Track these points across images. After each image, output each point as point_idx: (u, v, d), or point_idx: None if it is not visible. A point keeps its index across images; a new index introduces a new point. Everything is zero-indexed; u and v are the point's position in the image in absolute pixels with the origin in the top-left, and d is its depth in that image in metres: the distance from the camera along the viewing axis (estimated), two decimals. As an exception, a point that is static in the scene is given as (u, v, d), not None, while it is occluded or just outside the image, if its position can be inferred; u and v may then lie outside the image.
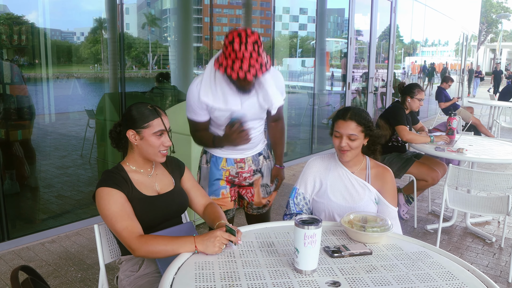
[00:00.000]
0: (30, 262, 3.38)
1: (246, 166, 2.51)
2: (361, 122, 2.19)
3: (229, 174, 2.50)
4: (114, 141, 1.98)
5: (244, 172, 2.52)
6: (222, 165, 2.49)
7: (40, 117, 4.51)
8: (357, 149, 2.22)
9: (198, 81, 2.27)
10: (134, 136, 1.88)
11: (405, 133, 4.11)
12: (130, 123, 1.88)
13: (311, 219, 1.54)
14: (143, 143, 1.88)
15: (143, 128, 1.87)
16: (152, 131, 1.87)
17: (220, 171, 2.49)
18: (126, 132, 1.89)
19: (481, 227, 4.33)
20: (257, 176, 2.57)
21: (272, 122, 2.60)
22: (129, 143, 1.93)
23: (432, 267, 1.63)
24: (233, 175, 2.51)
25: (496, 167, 6.41)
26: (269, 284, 1.45)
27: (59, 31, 4.66)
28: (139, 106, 1.91)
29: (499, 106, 9.35)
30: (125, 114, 1.92)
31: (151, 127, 1.87)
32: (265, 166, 2.59)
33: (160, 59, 6.23)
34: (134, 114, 1.88)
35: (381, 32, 9.47)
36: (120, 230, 1.72)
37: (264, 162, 2.59)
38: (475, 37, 23.91)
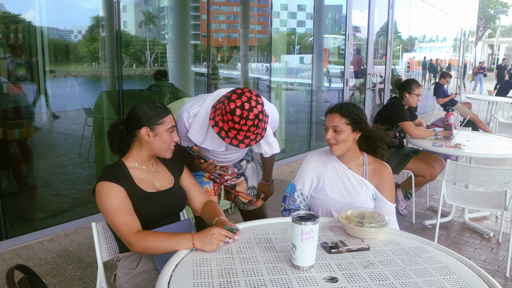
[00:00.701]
0: (29, 261, 3.38)
1: (229, 171, 2.53)
2: (344, 114, 2.20)
3: (211, 173, 2.51)
4: (116, 141, 1.96)
5: (226, 175, 2.53)
6: None
7: (38, 116, 4.50)
8: (345, 143, 2.21)
9: (192, 114, 2.17)
10: (147, 133, 1.89)
11: (412, 129, 4.11)
12: (144, 120, 1.89)
13: (308, 215, 1.54)
14: (156, 140, 1.90)
15: (158, 124, 1.89)
16: (166, 127, 1.90)
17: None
18: (140, 130, 1.89)
19: (479, 222, 4.34)
20: (240, 179, 2.57)
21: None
22: (135, 140, 1.92)
23: (429, 262, 1.64)
24: (216, 175, 2.53)
25: (494, 162, 6.42)
26: (267, 280, 1.45)
27: (56, 29, 4.65)
28: (150, 103, 1.92)
29: (497, 101, 9.36)
30: (134, 113, 1.91)
31: (165, 123, 1.90)
32: (249, 169, 2.58)
33: (158, 57, 6.22)
34: (147, 112, 1.89)
35: (379, 29, 9.47)
36: (118, 225, 1.72)
37: (247, 165, 2.58)
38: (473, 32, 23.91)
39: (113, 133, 1.95)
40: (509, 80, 11.75)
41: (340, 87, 7.85)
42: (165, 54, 6.32)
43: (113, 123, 1.97)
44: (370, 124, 2.33)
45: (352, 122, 2.20)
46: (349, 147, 2.24)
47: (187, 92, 5.88)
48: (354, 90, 8.96)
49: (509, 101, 9.32)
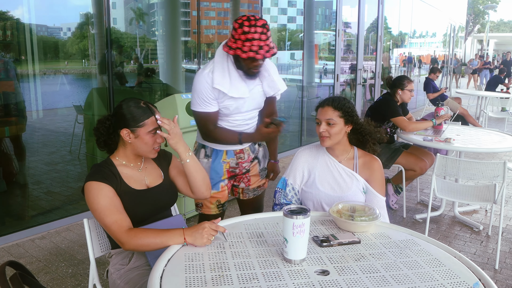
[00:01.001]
0: (20, 258, 3.37)
1: (246, 156, 2.55)
2: (337, 107, 2.22)
3: (229, 166, 2.52)
4: (103, 137, 1.95)
5: (244, 162, 2.55)
6: (223, 158, 2.50)
7: (28, 113, 4.47)
8: (337, 135, 2.23)
9: (208, 71, 2.28)
10: (128, 135, 1.87)
11: (405, 124, 4.13)
12: (124, 122, 1.86)
13: (299, 209, 1.55)
14: (137, 141, 1.88)
15: (138, 127, 1.85)
16: (147, 130, 1.86)
17: (221, 164, 2.50)
18: (120, 131, 1.87)
19: (469, 215, 4.38)
20: (254, 162, 2.62)
21: (266, 118, 2.56)
22: (119, 139, 1.92)
23: (419, 254, 1.65)
24: (234, 166, 2.53)
25: (483, 156, 6.48)
26: (259, 274, 1.46)
27: (46, 26, 4.62)
28: (132, 104, 1.87)
29: (487, 96, 9.43)
30: (117, 112, 1.89)
31: (146, 126, 1.86)
32: (260, 152, 2.66)
33: (148, 54, 6.20)
34: (127, 113, 1.85)
35: (369, 24, 9.49)
36: (109, 224, 1.72)
37: (259, 148, 2.65)
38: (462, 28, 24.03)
39: (100, 128, 1.94)
40: (498, 75, 11.85)
41: (331, 82, 7.87)
42: (155, 51, 6.30)
43: (101, 119, 1.96)
44: (361, 119, 2.35)
45: (345, 115, 2.22)
46: (339, 140, 2.25)
47: (177, 89, 5.87)
48: (345, 86, 8.98)
49: (498, 96, 9.39)
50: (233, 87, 2.28)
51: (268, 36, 2.14)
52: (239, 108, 2.38)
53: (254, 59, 2.15)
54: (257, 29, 2.09)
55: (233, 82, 2.28)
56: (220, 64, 2.28)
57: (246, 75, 2.28)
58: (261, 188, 2.70)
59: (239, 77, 2.29)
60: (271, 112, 2.59)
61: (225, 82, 2.26)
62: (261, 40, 2.11)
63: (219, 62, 2.28)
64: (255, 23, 2.10)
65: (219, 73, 2.27)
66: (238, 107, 2.37)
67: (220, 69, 2.27)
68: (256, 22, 2.10)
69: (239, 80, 2.30)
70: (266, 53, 2.14)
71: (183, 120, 3.77)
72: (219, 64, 2.28)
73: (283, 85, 2.47)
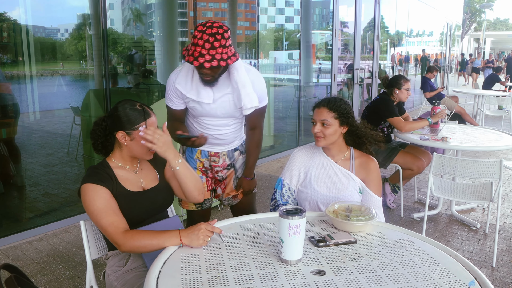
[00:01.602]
0: (18, 261, 3.36)
1: (220, 160, 2.51)
2: (332, 108, 2.22)
3: (202, 166, 2.52)
4: (100, 139, 1.94)
5: (217, 166, 2.52)
6: (196, 156, 2.50)
7: (25, 115, 4.47)
8: (331, 136, 2.23)
9: (178, 70, 2.35)
10: (124, 137, 1.87)
11: (402, 125, 4.14)
12: (120, 124, 1.86)
13: (295, 210, 1.55)
14: (133, 144, 1.88)
15: (133, 130, 1.86)
16: None
17: (195, 161, 2.51)
18: (116, 133, 1.87)
19: (466, 214, 4.39)
20: (230, 171, 2.57)
21: (249, 130, 2.54)
22: (116, 141, 1.91)
23: (415, 253, 1.66)
24: (207, 167, 2.53)
25: (480, 154, 6.49)
26: (255, 274, 1.46)
27: (42, 27, 4.62)
28: (128, 106, 1.87)
29: (483, 95, 9.45)
30: (112, 114, 1.89)
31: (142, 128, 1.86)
32: (240, 161, 2.58)
33: (145, 55, 6.19)
34: (123, 116, 1.85)
35: (366, 24, 9.50)
36: (105, 226, 1.72)
37: (240, 156, 2.57)
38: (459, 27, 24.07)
39: (97, 130, 1.94)
40: (494, 74, 11.87)
41: (328, 82, 7.88)
42: (153, 52, 6.30)
43: (96, 121, 1.96)
44: (358, 120, 2.35)
45: (340, 116, 2.22)
46: (334, 141, 2.25)
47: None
48: (342, 86, 8.99)
49: (495, 94, 9.41)
50: (193, 90, 2.28)
51: (214, 46, 2.06)
52: (206, 112, 2.37)
53: (198, 66, 2.10)
54: (203, 36, 2.05)
55: (195, 85, 2.28)
56: (187, 67, 2.30)
57: (201, 81, 2.25)
58: (235, 199, 2.62)
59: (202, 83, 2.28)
60: (252, 126, 2.51)
61: (187, 84, 2.29)
62: (204, 48, 2.05)
63: (188, 65, 2.29)
64: (205, 30, 2.06)
65: (184, 73, 2.31)
66: (204, 111, 2.36)
67: (186, 70, 2.31)
68: (207, 29, 2.06)
69: (202, 85, 2.28)
70: (205, 62, 2.06)
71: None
72: (187, 67, 2.31)
73: (251, 102, 2.31)
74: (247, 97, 2.29)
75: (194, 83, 2.28)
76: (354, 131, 2.29)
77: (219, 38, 2.07)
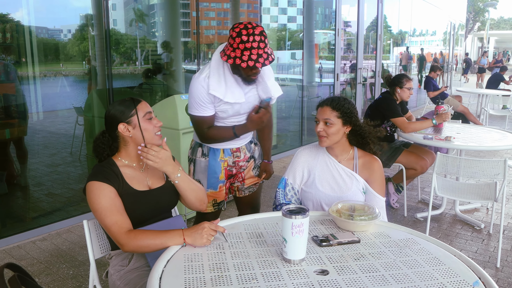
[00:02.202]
0: (22, 260, 3.37)
1: (242, 155, 2.57)
2: (335, 107, 2.22)
3: (227, 164, 2.54)
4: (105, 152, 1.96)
5: (240, 161, 2.57)
6: (220, 157, 2.52)
7: (28, 116, 4.48)
8: (335, 135, 2.23)
9: (204, 76, 2.30)
10: (126, 128, 1.88)
11: (405, 125, 4.11)
12: (118, 117, 1.88)
13: (298, 209, 1.55)
14: (137, 132, 1.89)
15: (131, 116, 1.88)
16: (141, 116, 1.89)
17: (219, 163, 2.52)
18: (117, 128, 1.88)
19: (470, 214, 4.37)
20: (251, 162, 2.64)
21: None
22: (120, 139, 1.92)
23: (419, 253, 1.65)
24: (231, 165, 2.55)
25: (484, 154, 6.47)
26: (258, 274, 1.46)
27: (46, 28, 4.63)
28: (116, 103, 1.92)
29: (487, 94, 9.41)
30: (107, 115, 1.92)
31: (139, 112, 1.90)
32: (257, 151, 2.68)
33: (148, 55, 6.20)
34: (118, 108, 1.89)
35: (369, 23, 9.48)
36: (109, 225, 1.72)
37: (256, 148, 2.67)
38: (462, 26, 24.00)
39: (100, 144, 1.96)
40: (498, 73, 11.83)
41: (331, 82, 7.87)
42: (156, 52, 6.30)
43: (97, 136, 1.98)
44: (361, 119, 2.34)
45: (343, 116, 2.22)
46: (338, 140, 2.25)
47: (177, 90, 5.87)
48: (345, 85, 8.98)
49: (499, 94, 9.37)
50: (228, 93, 2.29)
51: (266, 43, 2.15)
52: (235, 112, 2.40)
53: (254, 67, 2.15)
54: (255, 38, 2.10)
55: (228, 88, 2.29)
56: (216, 69, 2.29)
57: (244, 82, 2.29)
58: (256, 185, 2.72)
59: (234, 82, 2.31)
60: None
61: (221, 88, 2.28)
62: (260, 48, 2.12)
63: (215, 67, 2.29)
64: (253, 31, 2.10)
65: (215, 79, 2.28)
66: (234, 111, 2.39)
67: (216, 75, 2.29)
68: (254, 30, 2.11)
69: (235, 85, 2.31)
70: (265, 60, 2.14)
71: (183, 121, 3.77)
72: (215, 70, 2.29)
73: (278, 91, 2.45)
74: (274, 87, 2.41)
75: (227, 86, 2.29)
76: (358, 131, 2.28)
77: (266, 35, 2.16)
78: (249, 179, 2.67)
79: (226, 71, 2.29)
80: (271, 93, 2.39)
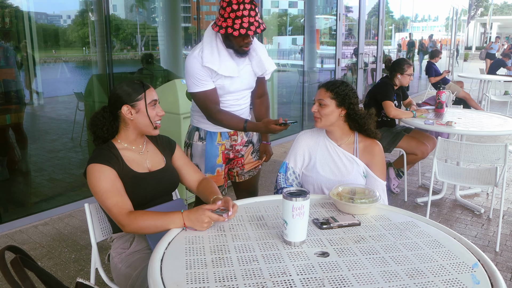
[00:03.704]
0: (24, 244, 3.39)
1: (239, 138, 2.56)
2: (329, 89, 2.22)
3: (224, 148, 2.54)
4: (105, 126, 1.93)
5: (237, 145, 2.57)
6: (218, 140, 2.52)
7: (29, 101, 4.48)
8: (328, 117, 2.22)
9: (198, 51, 2.32)
10: (129, 111, 1.88)
11: (391, 109, 4.12)
12: (124, 98, 1.88)
13: (299, 191, 1.55)
14: (139, 116, 1.89)
15: (137, 100, 1.88)
16: (147, 102, 1.90)
17: (217, 146, 2.52)
18: (121, 110, 1.88)
19: (470, 199, 4.39)
20: (248, 147, 2.64)
21: (257, 99, 2.64)
22: (120, 122, 1.92)
23: (419, 236, 1.66)
24: (228, 148, 2.55)
25: (486, 139, 6.47)
26: (259, 256, 1.47)
27: (45, 14, 4.60)
28: (125, 83, 1.91)
29: (489, 79, 9.38)
30: (114, 93, 1.91)
31: (146, 97, 1.90)
32: (255, 136, 2.68)
33: (148, 40, 6.17)
34: (126, 90, 1.89)
35: (370, 8, 9.42)
36: (110, 206, 1.73)
37: (254, 132, 2.66)
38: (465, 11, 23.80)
39: (100, 117, 1.94)
40: (501, 59, 11.77)
41: (332, 67, 7.84)
42: (156, 38, 6.27)
43: (96, 112, 1.96)
44: (361, 105, 2.33)
45: (337, 97, 2.21)
46: (332, 123, 2.24)
47: (178, 75, 5.85)
48: (346, 71, 8.95)
49: (501, 79, 9.33)
50: (222, 65, 2.30)
51: (256, 12, 2.17)
52: (233, 87, 2.40)
53: (246, 35, 2.16)
54: (245, 6, 2.12)
55: (222, 60, 2.30)
56: (208, 43, 2.31)
57: (237, 53, 2.31)
58: (256, 169, 2.73)
59: (228, 55, 2.32)
60: (261, 93, 2.63)
61: (215, 60, 2.29)
62: (251, 16, 2.14)
63: (208, 42, 2.31)
64: (243, 0, 2.12)
65: (208, 51, 2.30)
66: (231, 86, 2.39)
67: (209, 48, 2.30)
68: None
69: (229, 58, 2.32)
70: (257, 28, 2.16)
71: (184, 106, 3.77)
72: (208, 44, 2.31)
73: (272, 65, 2.47)
74: (267, 61, 2.43)
75: (221, 59, 2.30)
76: (351, 115, 2.24)
77: (256, 4, 2.17)
78: (249, 164, 2.67)
79: (219, 45, 2.30)
80: (265, 66, 2.41)
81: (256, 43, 2.41)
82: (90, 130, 1.97)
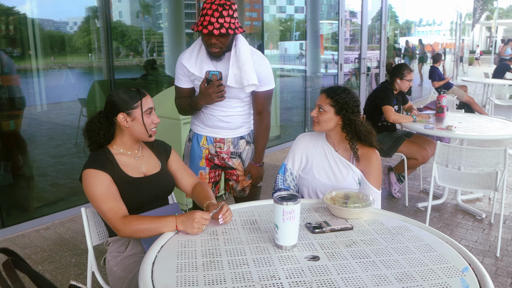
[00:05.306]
0: (25, 248, 3.42)
1: (225, 147, 2.52)
2: (329, 96, 2.23)
3: (208, 152, 2.55)
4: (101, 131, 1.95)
5: (223, 153, 2.53)
6: (202, 143, 2.53)
7: (33, 108, 4.52)
8: (326, 123, 2.23)
9: (186, 49, 2.45)
10: (125, 119, 1.90)
11: (391, 114, 4.12)
12: (120, 106, 1.90)
13: (289, 196, 1.56)
14: (134, 124, 1.91)
15: (133, 108, 1.91)
16: (143, 110, 1.92)
17: (201, 149, 2.54)
18: (117, 117, 1.90)
19: (472, 204, 4.37)
20: (236, 160, 2.55)
21: (256, 115, 2.54)
22: (116, 126, 1.94)
23: (411, 240, 1.67)
24: (213, 153, 2.55)
25: (489, 144, 6.44)
26: (249, 259, 1.48)
27: (51, 21, 4.65)
28: (121, 90, 1.93)
29: (493, 83, 9.34)
30: (110, 100, 1.93)
31: (142, 106, 1.91)
32: (246, 151, 2.57)
33: (154, 47, 6.21)
34: (122, 97, 1.91)
35: (375, 13, 9.42)
36: (105, 211, 1.76)
37: (246, 146, 2.56)
38: (469, 15, 23.73)
39: (94, 127, 1.96)
40: (505, 63, 11.72)
41: (335, 72, 7.85)
42: (161, 44, 6.31)
43: (92, 117, 1.99)
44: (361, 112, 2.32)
45: (336, 105, 2.22)
46: (331, 129, 2.25)
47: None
48: (350, 76, 8.95)
49: (505, 83, 9.29)
50: (197, 66, 2.36)
51: (223, 15, 2.17)
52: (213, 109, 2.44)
53: (209, 35, 2.20)
54: (212, 6, 2.17)
55: (198, 61, 2.36)
56: (194, 45, 2.40)
57: (209, 55, 2.34)
58: (245, 191, 2.63)
59: (207, 58, 2.36)
60: (259, 110, 2.51)
61: (191, 60, 2.37)
62: (213, 16, 2.17)
63: (196, 43, 2.40)
64: (213, 1, 2.19)
65: (189, 51, 2.40)
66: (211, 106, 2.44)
67: (191, 49, 2.41)
68: (216, 0, 2.19)
69: (206, 60, 2.36)
70: (214, 29, 2.16)
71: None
72: (194, 45, 2.41)
73: (251, 79, 2.31)
74: (246, 74, 2.31)
75: (198, 59, 2.36)
76: (347, 123, 2.23)
77: (227, 8, 2.20)
78: (242, 181, 2.60)
79: (202, 47, 2.36)
80: (242, 80, 2.30)
81: (242, 54, 2.31)
82: (85, 136, 1.99)
